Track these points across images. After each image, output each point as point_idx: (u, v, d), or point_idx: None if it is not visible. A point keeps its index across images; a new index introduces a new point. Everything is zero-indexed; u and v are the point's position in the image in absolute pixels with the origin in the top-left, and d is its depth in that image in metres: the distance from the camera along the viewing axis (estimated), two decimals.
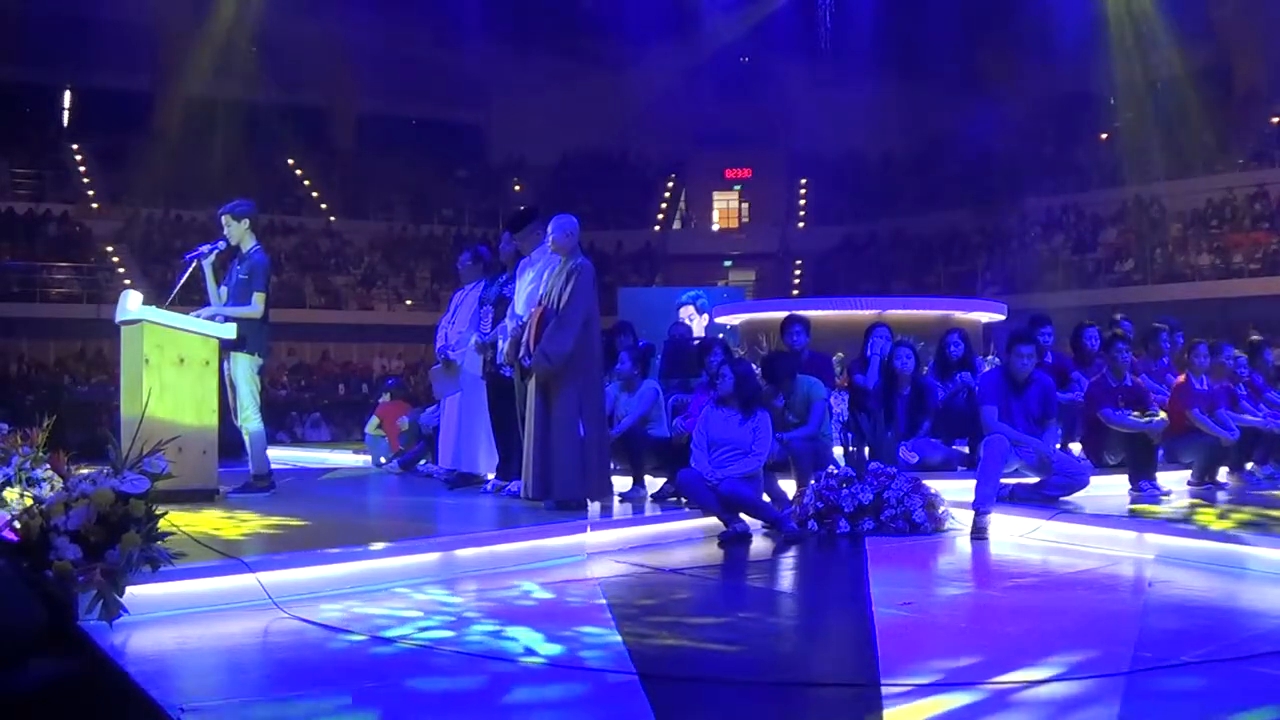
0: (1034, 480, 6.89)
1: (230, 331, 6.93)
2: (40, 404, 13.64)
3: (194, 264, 7.26)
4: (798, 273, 29.65)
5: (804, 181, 31.67)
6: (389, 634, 4.15)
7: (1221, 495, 7.56)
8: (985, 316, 12.30)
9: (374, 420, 10.90)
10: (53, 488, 5.47)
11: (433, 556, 5.33)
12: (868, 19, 25.43)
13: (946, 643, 4.17)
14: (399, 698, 3.48)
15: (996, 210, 26.32)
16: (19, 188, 24.87)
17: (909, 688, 3.49)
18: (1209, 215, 23.51)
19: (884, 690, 3.44)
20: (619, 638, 4.09)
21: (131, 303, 6.69)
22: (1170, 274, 22.73)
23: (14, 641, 3.66)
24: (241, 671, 3.88)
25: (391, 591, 4.90)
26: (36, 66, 25.16)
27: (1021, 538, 6.33)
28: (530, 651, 3.94)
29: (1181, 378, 8.13)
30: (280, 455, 11.23)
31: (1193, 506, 6.98)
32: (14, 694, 3.52)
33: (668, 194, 32.70)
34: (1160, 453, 7.74)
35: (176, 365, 6.64)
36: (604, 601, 4.74)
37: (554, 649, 3.97)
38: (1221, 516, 6.54)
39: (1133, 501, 7.14)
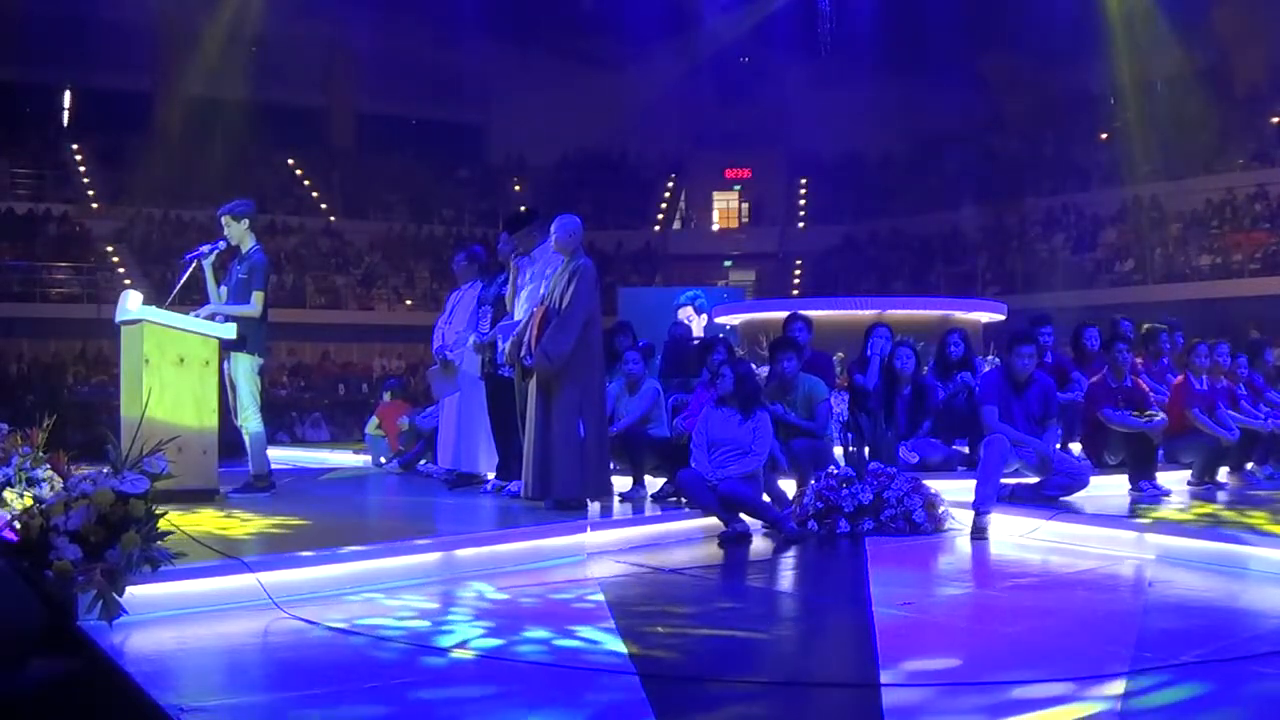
0: (1034, 480, 6.89)
1: (230, 331, 6.93)
2: (40, 404, 13.62)
3: (194, 264, 7.26)
4: (798, 273, 29.66)
5: (804, 181, 31.66)
6: (390, 634, 4.15)
7: (1221, 495, 7.56)
8: (985, 316, 12.29)
9: (374, 420, 10.91)
10: (53, 488, 5.47)
11: (433, 556, 5.33)
12: (868, 19, 25.42)
13: (946, 643, 4.17)
14: (396, 698, 3.47)
15: (996, 210, 26.33)
16: (19, 188, 24.87)
17: (909, 688, 3.49)
18: (1209, 215, 23.50)
19: (884, 690, 3.44)
20: (619, 637, 4.09)
21: (131, 303, 6.69)
22: (1170, 274, 22.71)
23: (14, 641, 3.66)
24: (241, 671, 3.88)
25: (392, 591, 4.89)
26: (36, 66, 25.13)
27: (1021, 538, 6.33)
28: (529, 650, 3.93)
29: (1181, 378, 8.13)
30: (280, 455, 11.22)
31: (1193, 506, 6.98)
32: (14, 694, 3.52)
33: (668, 194, 32.69)
34: (1160, 453, 7.74)
35: (176, 365, 6.63)
36: (604, 601, 4.74)
37: (553, 648, 3.97)
38: (1221, 516, 6.54)
39: (1133, 501, 7.14)
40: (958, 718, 3.27)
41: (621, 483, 7.31)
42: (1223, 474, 8.03)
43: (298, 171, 28.97)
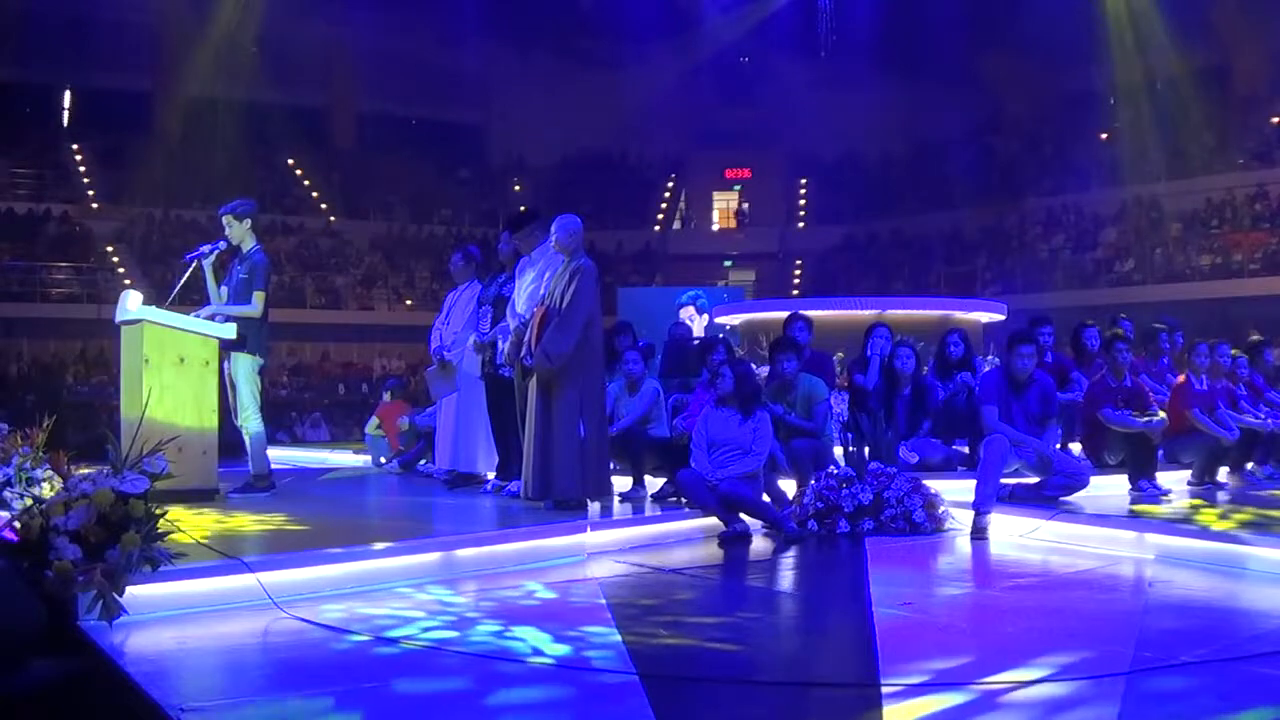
0: (1034, 480, 6.89)
1: (230, 331, 6.93)
2: (40, 404, 13.62)
3: (194, 264, 7.26)
4: (798, 273, 29.66)
5: (804, 181, 31.69)
6: (390, 634, 4.14)
7: (1221, 495, 7.56)
8: (985, 316, 12.31)
9: (374, 420, 10.90)
10: (53, 488, 5.47)
11: (433, 556, 5.33)
12: (867, 19, 25.43)
13: (946, 643, 4.17)
14: (397, 698, 3.47)
15: (996, 210, 26.33)
16: (19, 188, 24.90)
17: (909, 688, 3.49)
18: (1209, 215, 23.51)
19: (884, 690, 3.43)
20: (619, 638, 4.08)
21: (131, 303, 6.68)
22: (1170, 274, 22.73)
23: (14, 641, 3.66)
24: (241, 671, 3.88)
25: (392, 591, 4.90)
26: (36, 66, 25.16)
27: (1021, 538, 6.33)
28: (530, 651, 3.93)
29: (1181, 378, 8.13)
30: (280, 455, 11.22)
31: (1193, 506, 6.98)
32: (14, 694, 3.52)
33: (668, 194, 32.72)
34: (1160, 453, 7.74)
35: (176, 365, 6.63)
36: (604, 601, 4.74)
37: (554, 649, 3.97)
38: (1221, 516, 6.54)
39: (1133, 501, 7.13)
40: (958, 718, 3.27)
41: (621, 483, 7.31)
42: (1223, 474, 8.01)
43: (298, 171, 28.98)
